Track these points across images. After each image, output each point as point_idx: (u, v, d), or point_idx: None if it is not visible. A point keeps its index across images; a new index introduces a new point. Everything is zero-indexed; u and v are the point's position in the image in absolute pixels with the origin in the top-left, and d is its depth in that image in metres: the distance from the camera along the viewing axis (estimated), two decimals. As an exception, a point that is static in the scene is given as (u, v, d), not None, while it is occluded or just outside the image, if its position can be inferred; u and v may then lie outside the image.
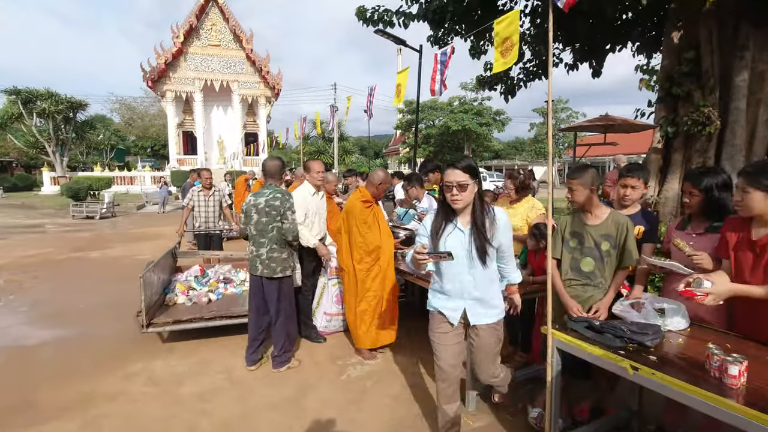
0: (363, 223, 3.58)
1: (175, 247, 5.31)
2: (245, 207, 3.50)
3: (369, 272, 3.62)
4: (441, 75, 3.42)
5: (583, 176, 2.39)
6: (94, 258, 8.11)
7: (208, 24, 26.10)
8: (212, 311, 4.16)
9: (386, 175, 3.66)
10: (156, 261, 4.36)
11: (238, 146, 27.21)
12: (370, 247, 3.60)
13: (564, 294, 2.45)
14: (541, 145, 39.17)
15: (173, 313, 4.12)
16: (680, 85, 6.44)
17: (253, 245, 3.44)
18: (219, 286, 4.76)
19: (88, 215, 14.88)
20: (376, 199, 3.71)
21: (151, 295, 3.99)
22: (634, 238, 2.36)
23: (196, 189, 5.93)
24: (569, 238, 2.51)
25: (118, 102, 41.98)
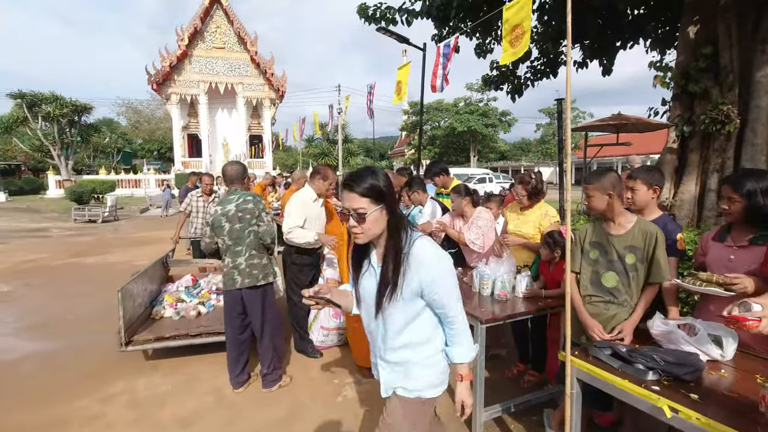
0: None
1: (167, 255, 5.03)
2: (211, 219, 3.18)
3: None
4: (443, 69, 3.16)
5: (600, 181, 2.12)
6: (91, 264, 7.93)
7: (213, 27, 26.07)
8: (200, 326, 3.85)
9: (394, 178, 3.37)
10: (142, 270, 4.10)
11: (243, 148, 27.11)
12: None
13: (583, 312, 2.19)
14: (547, 146, 38.73)
15: (158, 328, 3.81)
16: (697, 82, 6.13)
17: (229, 256, 3.16)
18: (211, 298, 4.46)
19: (90, 219, 14.79)
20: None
21: (135, 308, 3.74)
22: (665, 251, 2.08)
23: (196, 194, 5.66)
24: (590, 249, 2.24)
25: (125, 105, 42.26)
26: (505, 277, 2.78)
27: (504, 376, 3.42)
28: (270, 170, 24.88)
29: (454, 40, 3.06)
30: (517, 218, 3.36)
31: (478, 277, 2.94)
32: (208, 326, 3.86)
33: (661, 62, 7.62)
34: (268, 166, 27.04)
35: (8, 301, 5.69)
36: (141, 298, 3.99)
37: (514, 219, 3.39)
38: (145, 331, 3.71)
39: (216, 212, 3.17)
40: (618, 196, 2.13)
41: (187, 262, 5.24)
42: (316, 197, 3.82)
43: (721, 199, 1.99)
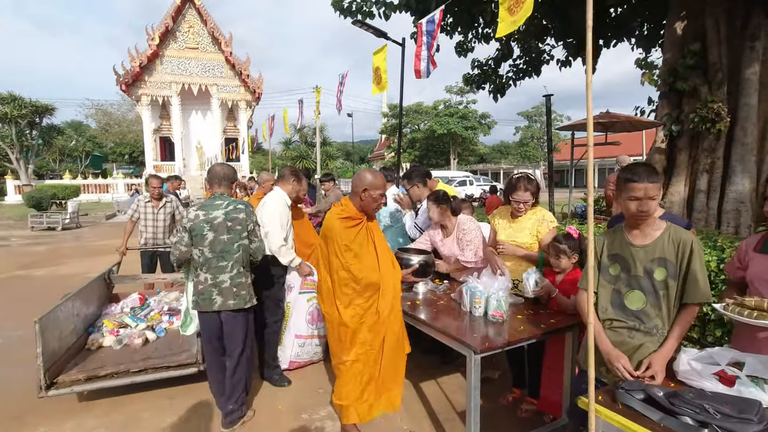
0: (346, 249, 2.38)
1: (110, 270, 4.37)
2: (190, 224, 2.69)
3: (362, 320, 2.42)
4: (428, 50, 2.74)
5: (658, 176, 1.75)
6: (40, 277, 7.21)
7: (185, 26, 25.22)
8: (146, 358, 3.20)
9: (376, 178, 2.47)
10: (74, 291, 3.47)
11: (218, 151, 26.27)
12: (361, 284, 2.39)
13: (604, 338, 1.78)
14: (526, 149, 39.03)
15: (92, 362, 3.13)
16: (685, 80, 5.94)
17: (207, 272, 2.69)
18: (162, 320, 3.82)
19: (49, 226, 13.83)
20: (367, 213, 2.53)
21: (62, 339, 3.11)
22: (703, 264, 1.71)
23: (143, 199, 5.01)
24: (608, 263, 1.84)
25: (94, 107, 40.49)
26: (500, 294, 2.38)
27: (498, 403, 3.02)
28: (246, 173, 24.13)
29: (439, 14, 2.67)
30: (509, 226, 2.91)
31: (469, 294, 2.53)
32: (156, 357, 3.23)
33: (646, 60, 7.47)
34: (245, 169, 26.23)
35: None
36: (73, 324, 3.36)
37: (505, 227, 2.93)
38: (75, 369, 3.03)
39: (197, 217, 2.69)
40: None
41: (135, 278, 4.57)
42: (290, 202, 3.44)
43: (765, 200, 1.62)
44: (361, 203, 2.47)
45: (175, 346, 3.41)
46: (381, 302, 2.43)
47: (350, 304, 2.43)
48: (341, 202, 2.56)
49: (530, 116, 39.39)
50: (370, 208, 2.50)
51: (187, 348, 3.37)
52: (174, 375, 3.10)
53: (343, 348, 2.46)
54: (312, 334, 3.68)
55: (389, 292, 2.46)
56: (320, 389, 3.32)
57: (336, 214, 2.47)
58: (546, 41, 8.38)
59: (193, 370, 3.14)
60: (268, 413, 2.98)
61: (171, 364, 3.13)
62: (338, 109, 5.75)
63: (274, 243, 3.27)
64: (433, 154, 34.44)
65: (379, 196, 2.48)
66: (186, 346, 3.41)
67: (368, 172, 2.53)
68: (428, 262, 2.80)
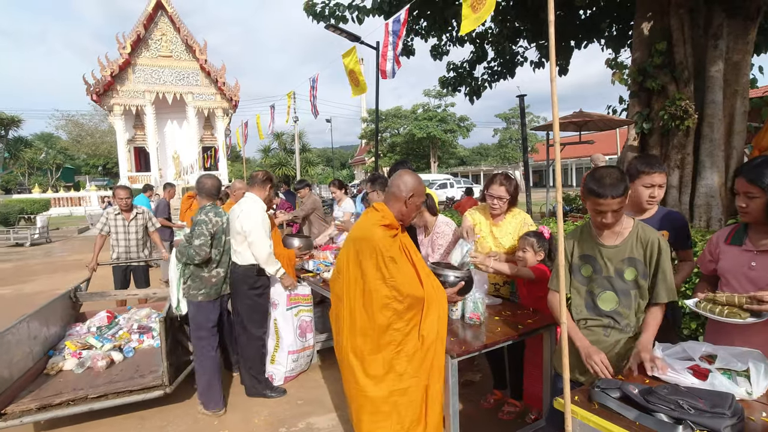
0: (391, 261, 1.96)
1: (77, 287, 4.14)
2: (214, 229, 3.13)
3: (400, 347, 1.97)
4: (393, 49, 2.70)
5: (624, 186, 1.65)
6: (3, 295, 6.88)
7: (158, 34, 24.76)
8: (110, 381, 2.96)
9: (420, 183, 2.15)
10: (31, 312, 3.22)
11: (195, 160, 25.79)
12: (405, 303, 1.96)
13: (579, 336, 1.74)
14: (505, 150, 39.58)
15: (48, 389, 2.88)
16: (654, 79, 6.07)
17: (220, 267, 3.20)
18: (131, 339, 3.59)
19: (17, 242, 13.29)
20: (404, 222, 2.17)
21: (15, 365, 2.87)
22: (670, 262, 1.71)
23: (113, 212, 4.71)
24: (580, 264, 1.82)
25: (64, 118, 39.30)
26: (477, 296, 2.34)
27: (480, 406, 2.97)
28: (225, 182, 23.74)
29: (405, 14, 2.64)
30: (491, 230, 2.82)
31: (445, 296, 2.46)
32: (121, 381, 2.98)
33: (616, 60, 7.62)
34: (224, 178, 25.82)
35: None
36: (29, 348, 3.10)
37: (486, 230, 2.83)
38: (29, 397, 2.77)
39: (218, 223, 3.17)
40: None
41: (104, 295, 4.26)
42: (266, 208, 3.33)
43: (736, 195, 1.62)
44: (403, 210, 2.10)
45: (144, 367, 3.18)
46: (425, 324, 1.98)
47: (388, 329, 1.95)
48: (375, 207, 2.13)
49: (508, 118, 40.00)
50: (410, 217, 2.17)
51: (156, 369, 3.11)
52: (137, 400, 2.88)
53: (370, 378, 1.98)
54: (304, 347, 3.62)
55: (434, 311, 2.01)
56: (299, 401, 3.22)
57: (376, 220, 2.04)
58: (519, 43, 8.49)
59: (158, 393, 2.91)
60: (243, 428, 2.87)
61: (134, 387, 2.90)
62: (314, 114, 5.67)
63: (261, 252, 3.15)
64: (413, 157, 34.57)
65: (421, 204, 2.20)
66: (154, 366, 3.16)
67: (411, 175, 2.15)
68: (471, 278, 2.36)
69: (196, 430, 2.87)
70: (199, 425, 2.92)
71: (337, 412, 3.03)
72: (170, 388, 2.92)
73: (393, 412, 1.94)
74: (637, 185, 2.05)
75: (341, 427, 2.85)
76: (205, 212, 3.11)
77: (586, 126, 6.69)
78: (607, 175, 1.65)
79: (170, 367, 2.97)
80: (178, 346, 3.40)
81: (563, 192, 2.68)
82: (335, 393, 3.29)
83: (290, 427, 2.85)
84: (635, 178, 2.05)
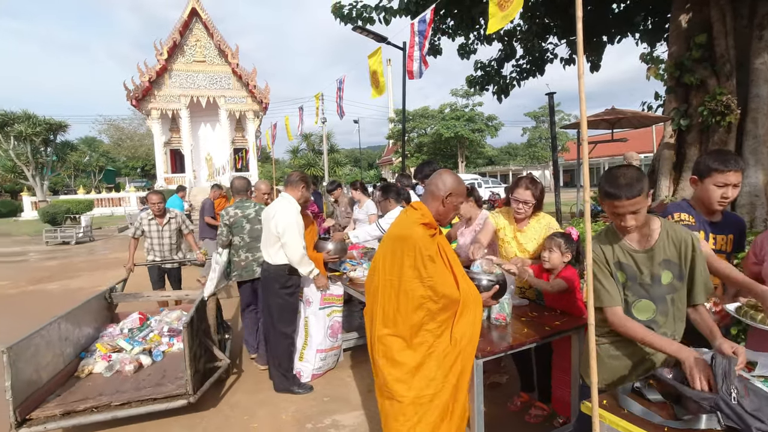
0: (430, 261, 1.91)
1: (112, 287, 4.14)
2: (232, 219, 3.88)
3: (431, 350, 1.92)
4: (420, 50, 2.70)
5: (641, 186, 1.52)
6: (51, 291, 7.32)
7: (192, 40, 25.63)
8: (135, 388, 2.86)
9: (460, 183, 2.08)
10: (63, 313, 3.17)
11: (226, 162, 26.57)
12: (440, 303, 1.91)
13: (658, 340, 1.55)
14: (535, 149, 38.72)
15: (75, 393, 2.80)
16: (692, 73, 5.82)
17: (247, 252, 3.86)
18: (162, 342, 3.53)
19: (63, 241, 14.07)
20: (442, 222, 2.10)
21: (40, 369, 2.78)
22: (704, 260, 1.61)
23: (146, 216, 4.70)
24: (616, 272, 1.69)
25: (106, 123, 41.31)
26: (503, 296, 2.31)
27: (506, 409, 2.94)
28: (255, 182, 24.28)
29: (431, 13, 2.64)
30: (515, 234, 2.75)
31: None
32: (147, 387, 2.86)
33: (651, 54, 7.35)
34: (254, 178, 26.47)
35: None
36: (59, 350, 3.05)
37: (511, 235, 2.76)
38: (55, 401, 2.70)
39: (236, 214, 3.88)
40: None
41: (137, 296, 4.20)
42: (300, 208, 3.39)
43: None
44: (440, 209, 2.03)
45: (171, 372, 3.12)
46: (457, 326, 1.93)
47: (420, 330, 1.91)
48: (414, 206, 2.08)
49: (537, 117, 39.11)
50: (447, 217, 2.09)
51: (181, 375, 2.98)
52: (161, 409, 2.78)
53: (396, 380, 1.92)
54: (333, 347, 3.67)
55: (469, 313, 1.95)
56: (326, 398, 3.27)
57: (416, 219, 1.98)
58: (549, 40, 8.31)
59: (182, 402, 2.80)
60: (270, 424, 2.95)
61: (158, 396, 2.80)
62: (340, 115, 5.74)
63: (295, 253, 3.21)
64: (440, 157, 34.34)
65: (459, 204, 2.11)
66: (181, 371, 3.01)
67: (450, 174, 2.10)
68: (505, 281, 2.26)
69: (227, 425, 2.96)
70: (230, 421, 3.01)
71: (363, 410, 3.06)
72: (194, 397, 2.84)
73: (418, 414, 1.90)
74: (708, 184, 1.87)
75: (366, 424, 2.88)
76: (227, 208, 3.90)
77: (619, 123, 6.46)
78: (621, 174, 1.54)
79: (195, 374, 2.88)
80: (205, 351, 3.36)
81: (594, 192, 2.60)
82: (361, 391, 3.33)
83: (316, 424, 2.91)
84: (706, 176, 1.88)
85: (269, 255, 3.35)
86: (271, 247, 3.32)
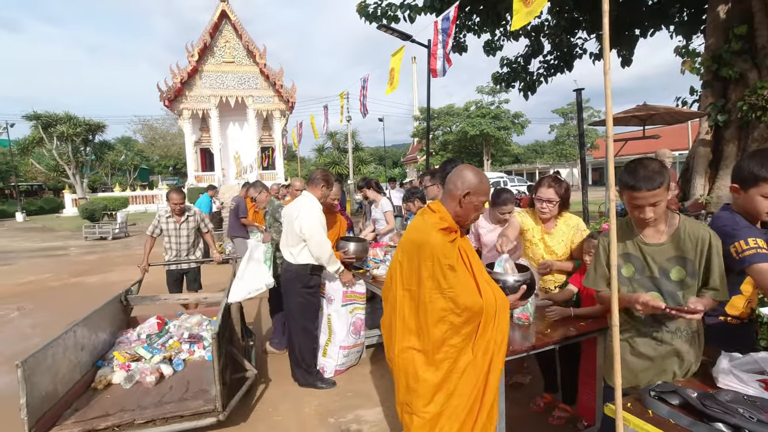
0: (450, 270, 1.75)
1: (128, 290, 3.94)
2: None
3: (454, 365, 1.78)
4: (443, 48, 2.69)
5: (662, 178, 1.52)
6: (91, 284, 7.69)
7: (222, 41, 26.28)
8: (160, 402, 2.65)
9: (481, 180, 1.85)
10: (82, 318, 3.02)
11: (253, 160, 27.14)
12: (463, 316, 1.75)
13: (624, 297, 1.59)
14: (563, 147, 37.79)
15: (95, 407, 2.63)
16: (731, 66, 5.57)
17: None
18: (182, 350, 3.32)
19: (101, 236, 14.73)
20: (461, 224, 1.91)
21: (57, 382, 2.58)
22: (721, 260, 1.57)
23: (164, 215, 4.54)
24: (620, 263, 1.70)
25: (141, 123, 42.91)
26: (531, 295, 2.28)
27: (529, 409, 2.91)
28: (281, 180, 24.72)
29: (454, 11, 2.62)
30: (542, 236, 2.69)
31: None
32: (170, 402, 2.65)
33: (687, 47, 7.05)
34: (280, 177, 26.93)
35: (-4, 326, 5.42)
36: (76, 359, 2.84)
37: (538, 237, 2.70)
38: (73, 417, 2.51)
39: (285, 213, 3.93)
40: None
41: (154, 299, 3.95)
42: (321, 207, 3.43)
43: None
44: (458, 211, 1.83)
45: (195, 384, 2.94)
46: (482, 338, 1.77)
47: (443, 345, 1.75)
48: (431, 207, 1.90)
49: (565, 113, 38.13)
50: (467, 219, 1.87)
51: (207, 387, 2.84)
52: (188, 427, 2.58)
53: (418, 396, 1.80)
54: (355, 344, 3.72)
55: (495, 322, 1.78)
56: (348, 393, 3.32)
57: (434, 223, 1.81)
58: (577, 35, 8.10)
59: (210, 420, 2.62)
60: (294, 417, 3.01)
61: (185, 413, 2.60)
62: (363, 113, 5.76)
63: (323, 253, 3.26)
64: (465, 155, 33.98)
65: (481, 204, 1.86)
66: (206, 383, 2.90)
67: (470, 170, 1.88)
68: (533, 279, 2.07)
69: (253, 417, 3.05)
70: (257, 413, 3.10)
71: (384, 406, 3.09)
72: (223, 414, 2.65)
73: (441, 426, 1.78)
74: (754, 195, 1.62)
75: (389, 420, 2.91)
76: (278, 206, 4.05)
77: (651, 120, 6.22)
78: (643, 166, 1.54)
79: (223, 388, 2.71)
80: (230, 360, 3.24)
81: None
82: (383, 387, 3.37)
83: (339, 418, 2.96)
84: (751, 185, 1.62)
85: (291, 255, 3.38)
86: (294, 247, 3.35)
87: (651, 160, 1.58)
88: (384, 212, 5.31)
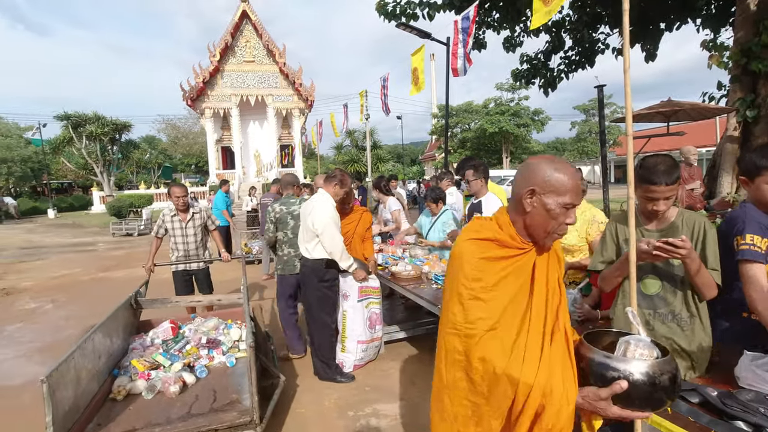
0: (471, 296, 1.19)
1: (137, 292, 3.73)
2: (277, 216, 3.95)
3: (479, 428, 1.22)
4: (464, 47, 2.70)
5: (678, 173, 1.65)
6: (118, 278, 7.96)
7: (243, 41, 26.69)
8: (188, 414, 2.44)
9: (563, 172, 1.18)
10: (99, 324, 2.81)
11: (273, 158, 27.52)
12: (485, 386, 1.17)
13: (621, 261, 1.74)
14: (584, 144, 37.08)
15: (121, 421, 2.40)
16: (761, 60, 5.40)
17: (290, 248, 3.93)
18: (201, 356, 3.09)
19: (127, 232, 15.20)
20: (536, 238, 1.25)
21: (79, 394, 2.36)
22: (716, 247, 1.64)
23: (169, 213, 4.29)
24: (625, 248, 1.77)
25: (165, 122, 44.01)
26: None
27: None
28: (301, 178, 24.99)
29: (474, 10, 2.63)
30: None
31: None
32: (199, 414, 2.45)
33: (714, 41, 6.84)
34: (299, 174, 27.26)
35: (30, 319, 5.69)
36: (95, 368, 2.62)
37: None
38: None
39: (281, 210, 3.95)
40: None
41: (165, 301, 3.80)
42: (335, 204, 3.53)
43: None
44: (524, 218, 1.24)
45: (221, 393, 2.70)
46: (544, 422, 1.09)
47: (456, 396, 1.24)
48: (498, 212, 1.34)
49: (587, 110, 37.40)
50: (542, 229, 1.21)
51: (236, 396, 2.63)
52: None
53: None
54: (372, 338, 3.78)
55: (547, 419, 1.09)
56: (367, 387, 3.39)
57: (473, 229, 1.29)
58: (599, 30, 7.95)
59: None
60: (315, 410, 3.09)
61: (219, 426, 2.37)
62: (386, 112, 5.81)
63: (335, 248, 3.36)
64: (484, 153, 33.70)
65: (561, 208, 1.17)
66: (233, 391, 2.69)
67: (540, 160, 1.24)
68: (675, 375, 1.07)
69: (278, 410, 3.11)
70: (281, 405, 3.18)
71: (402, 400, 3.15)
72: (261, 427, 2.45)
73: None
74: (759, 183, 1.71)
75: (407, 414, 2.96)
76: (273, 204, 3.99)
77: (676, 116, 6.07)
78: (661, 162, 1.63)
79: (259, 399, 2.52)
80: (261, 369, 3.09)
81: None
82: (401, 382, 3.42)
83: (357, 411, 3.03)
84: (755, 175, 1.71)
85: (307, 250, 3.50)
86: (308, 243, 3.48)
87: (665, 156, 1.69)
88: (391, 211, 5.38)
